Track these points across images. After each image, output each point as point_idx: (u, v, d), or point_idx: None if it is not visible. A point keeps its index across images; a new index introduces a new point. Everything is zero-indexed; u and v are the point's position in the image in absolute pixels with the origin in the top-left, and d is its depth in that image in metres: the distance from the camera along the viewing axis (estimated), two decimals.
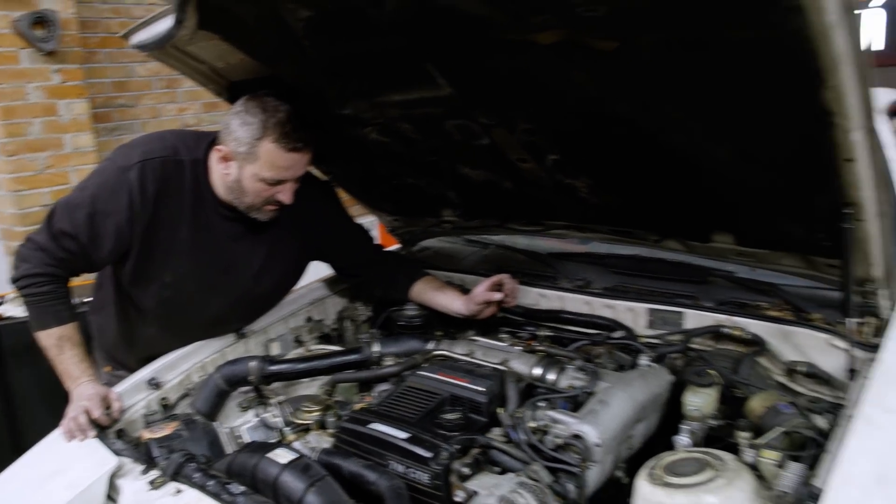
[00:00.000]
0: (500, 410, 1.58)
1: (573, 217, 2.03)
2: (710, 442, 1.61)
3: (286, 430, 1.74)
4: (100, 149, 3.96)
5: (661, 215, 1.83)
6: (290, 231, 2.00)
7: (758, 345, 1.78)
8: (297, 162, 1.80)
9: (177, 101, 4.61)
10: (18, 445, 2.70)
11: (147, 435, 1.72)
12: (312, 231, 2.05)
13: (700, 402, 1.64)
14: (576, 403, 1.58)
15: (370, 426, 1.53)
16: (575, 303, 2.09)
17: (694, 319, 1.90)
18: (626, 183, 1.75)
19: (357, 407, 1.69)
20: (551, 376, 1.69)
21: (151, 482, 1.53)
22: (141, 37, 1.75)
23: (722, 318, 1.85)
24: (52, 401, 2.61)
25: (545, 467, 1.42)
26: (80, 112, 3.86)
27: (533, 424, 1.51)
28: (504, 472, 1.44)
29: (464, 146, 1.88)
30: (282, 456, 1.47)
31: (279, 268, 2.05)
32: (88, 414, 1.71)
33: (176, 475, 1.52)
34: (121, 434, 1.76)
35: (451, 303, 2.08)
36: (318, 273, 2.34)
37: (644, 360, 1.76)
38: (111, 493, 1.58)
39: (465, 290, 2.12)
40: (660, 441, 1.64)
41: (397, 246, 2.59)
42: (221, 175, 1.83)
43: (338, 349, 2.11)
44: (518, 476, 1.40)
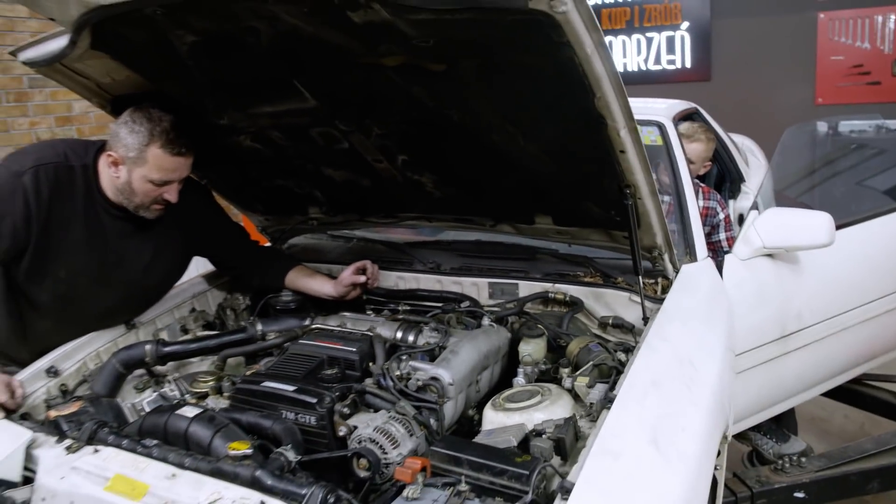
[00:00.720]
0: (371, 365, 1.91)
1: (422, 209, 2.37)
2: (541, 380, 2.02)
3: (186, 397, 1.98)
4: None
5: (493, 203, 2.21)
6: (174, 228, 2.23)
7: (576, 305, 2.21)
8: (182, 164, 2.04)
9: (28, 114, 4.58)
10: None
11: (54, 413, 1.88)
12: (194, 228, 2.29)
13: (531, 349, 2.03)
14: (432, 356, 1.93)
15: (262, 384, 1.82)
16: (428, 282, 2.44)
17: (526, 288, 2.29)
18: (462, 177, 2.11)
19: (248, 372, 1.97)
20: (411, 337, 2.04)
21: (67, 448, 1.71)
22: (30, 54, 1.91)
23: (548, 286, 2.25)
24: None
25: (410, 405, 1.77)
26: None
27: (398, 373, 1.85)
28: (377, 411, 1.77)
29: (327, 150, 2.15)
30: (188, 411, 1.73)
31: (165, 262, 2.27)
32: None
33: (91, 439, 1.71)
34: (25, 417, 1.90)
35: (321, 287, 2.38)
36: (199, 269, 2.58)
37: (486, 322, 2.14)
38: (28, 465, 1.75)
39: (333, 277, 2.43)
40: (503, 387, 2.03)
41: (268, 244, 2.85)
42: (111, 178, 2.04)
43: (225, 331, 2.37)
44: (388, 412, 1.74)
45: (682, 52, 8.66)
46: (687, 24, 8.57)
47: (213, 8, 1.54)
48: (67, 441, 1.73)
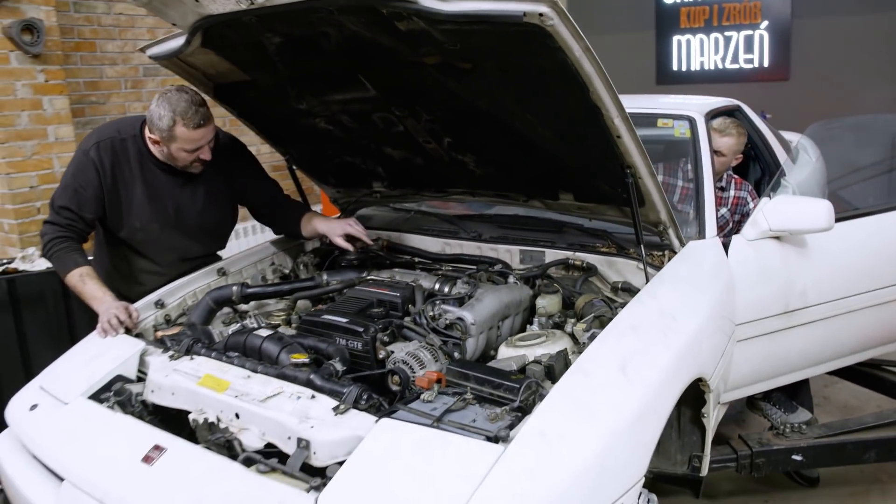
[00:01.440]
0: (411, 306, 2.33)
1: (466, 185, 2.75)
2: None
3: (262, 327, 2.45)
4: (77, 139, 4.54)
5: (524, 181, 2.59)
6: (219, 180, 2.76)
7: (590, 270, 2.57)
8: (204, 133, 2.53)
9: (142, 100, 5.21)
10: (30, 377, 3.29)
11: (160, 333, 2.40)
12: (234, 179, 2.82)
13: (546, 303, 2.40)
14: (461, 303, 2.34)
15: (322, 317, 2.26)
16: (470, 248, 2.83)
17: (551, 256, 2.64)
18: (496, 157, 2.50)
19: (313, 310, 2.42)
20: (446, 288, 2.45)
21: (170, 356, 2.21)
22: (155, 50, 2.42)
23: (569, 254, 2.61)
24: (58, 341, 3.28)
25: (438, 338, 2.18)
26: (61, 107, 4.43)
27: (431, 313, 2.26)
28: (411, 341, 2.19)
29: (386, 132, 2.56)
30: (263, 332, 2.20)
31: (216, 207, 2.80)
32: (117, 317, 2.39)
33: (188, 351, 2.21)
34: (139, 336, 2.42)
35: (320, 228, 2.85)
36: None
37: (511, 280, 2.53)
38: (141, 368, 2.26)
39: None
40: None
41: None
42: (157, 151, 2.59)
43: (297, 279, 2.85)
44: (420, 342, 2.16)
45: (761, 51, 8.74)
46: (766, 23, 8.63)
47: (294, 17, 1.98)
48: (170, 352, 2.23)
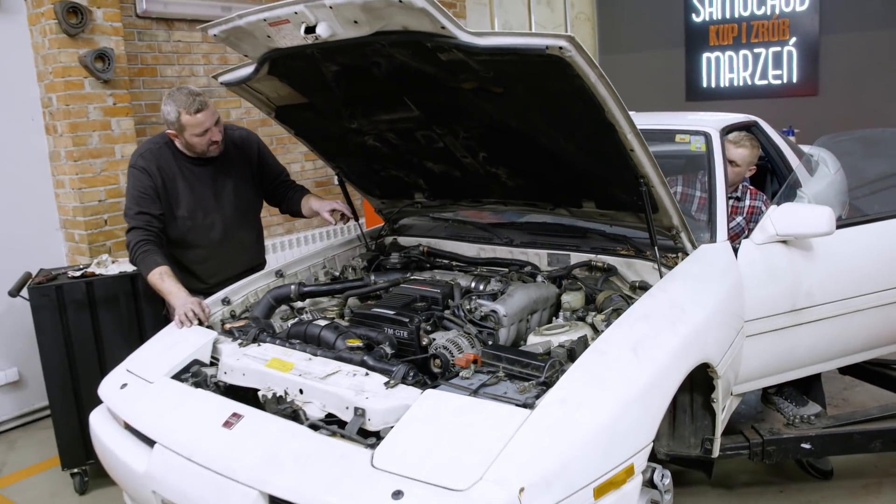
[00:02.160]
0: (450, 301, 2.64)
1: (499, 195, 3.05)
2: None
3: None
4: None
5: (551, 191, 2.88)
6: (244, 166, 3.26)
7: (610, 271, 2.84)
8: (205, 116, 2.97)
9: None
10: (103, 371, 3.64)
11: (228, 325, 2.74)
12: (255, 164, 3.31)
13: (570, 299, 2.69)
14: (494, 298, 2.63)
15: (372, 310, 2.58)
16: (503, 252, 3.13)
17: (576, 258, 2.93)
18: (526, 170, 2.79)
19: (363, 305, 2.74)
20: (481, 286, 2.75)
21: (240, 344, 2.55)
22: (226, 77, 2.76)
23: (592, 257, 2.89)
24: (128, 337, 3.64)
25: (474, 328, 2.48)
26: (127, 128, 4.82)
27: (468, 307, 2.56)
28: (450, 330, 2.49)
29: (427, 148, 2.88)
30: (321, 322, 2.52)
31: (243, 191, 3.27)
32: (192, 311, 2.73)
33: (255, 339, 2.54)
34: (209, 328, 2.77)
35: (314, 206, 3.34)
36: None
37: (539, 279, 2.82)
38: (213, 355, 2.60)
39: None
40: None
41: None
42: (181, 145, 3.05)
43: (347, 279, 3.18)
44: (458, 332, 2.46)
45: (789, 67, 8.92)
46: (794, 39, 8.83)
47: (351, 50, 2.31)
48: (239, 340, 2.56)
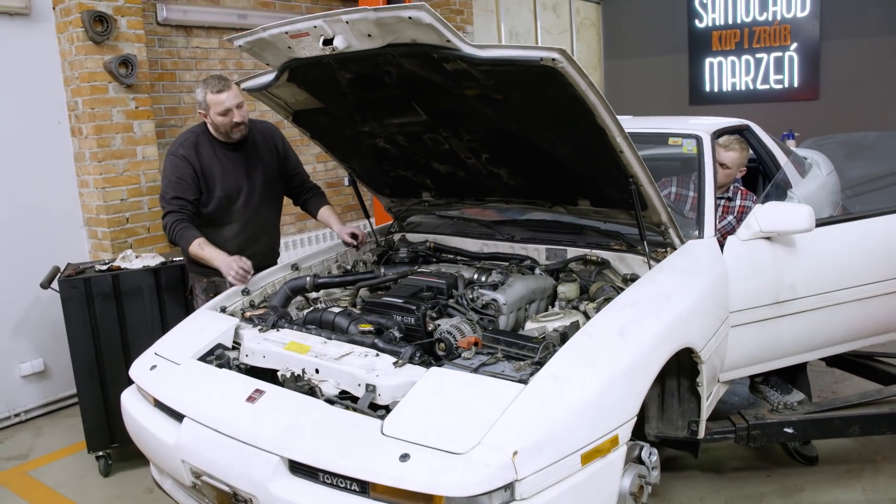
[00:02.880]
0: (454, 291, 2.85)
1: (501, 194, 3.25)
2: None
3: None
4: (160, 158, 5.16)
5: (549, 190, 3.08)
6: (271, 154, 3.59)
7: (604, 264, 3.04)
8: (228, 96, 3.31)
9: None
10: (128, 358, 3.86)
11: (249, 313, 2.95)
12: (279, 152, 3.63)
13: (565, 290, 2.89)
14: (495, 288, 2.84)
15: (382, 299, 2.79)
16: (504, 247, 3.34)
17: (572, 253, 3.13)
18: (525, 170, 3.00)
19: (373, 294, 2.96)
20: (483, 277, 2.96)
21: (259, 329, 2.76)
22: (248, 84, 2.98)
23: (587, 251, 3.08)
24: (151, 328, 3.86)
25: (475, 315, 2.68)
26: (148, 130, 5.05)
27: (470, 296, 2.77)
28: (454, 317, 2.70)
29: (434, 150, 3.09)
30: (335, 309, 2.73)
31: (270, 172, 3.59)
32: (241, 267, 3.08)
33: (274, 325, 2.76)
34: (232, 315, 2.99)
35: (334, 227, 3.59)
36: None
37: (537, 271, 3.03)
38: (235, 340, 2.81)
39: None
40: None
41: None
42: (212, 128, 3.37)
43: (359, 272, 3.40)
44: (461, 318, 2.67)
45: (790, 72, 9.11)
46: (795, 44, 9.01)
47: (365, 59, 2.52)
48: (259, 326, 2.77)
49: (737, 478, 3.58)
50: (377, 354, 2.38)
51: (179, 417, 2.45)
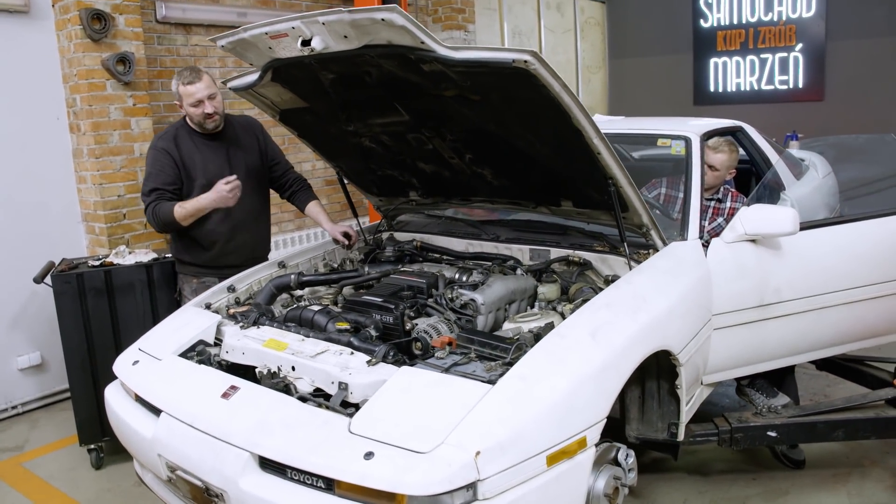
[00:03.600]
0: (434, 290, 2.86)
1: (486, 194, 3.26)
2: None
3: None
4: None
5: (532, 190, 3.09)
6: (249, 142, 3.64)
7: (585, 265, 3.05)
8: (198, 87, 3.39)
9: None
10: (119, 353, 3.87)
11: (233, 310, 2.97)
12: (260, 142, 3.68)
13: (546, 290, 2.90)
14: (475, 288, 2.85)
15: (362, 297, 2.81)
16: (489, 247, 3.35)
17: (556, 254, 3.14)
18: (508, 170, 3.02)
19: (355, 292, 2.97)
20: (464, 277, 2.97)
21: (241, 326, 2.78)
22: (234, 83, 3.00)
23: (569, 252, 3.09)
24: (142, 321, 3.89)
25: (453, 315, 2.70)
26: (146, 127, 5.09)
27: (449, 296, 2.79)
28: (432, 316, 2.71)
29: (418, 149, 3.10)
30: (315, 307, 2.76)
31: (252, 159, 3.64)
32: (224, 189, 3.19)
33: (255, 322, 2.78)
34: (217, 311, 3.01)
35: (324, 225, 3.66)
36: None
37: (519, 272, 3.04)
38: (217, 336, 2.83)
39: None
40: None
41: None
42: (189, 121, 3.46)
43: (344, 270, 3.41)
44: (439, 318, 2.68)
45: (795, 72, 9.07)
46: (801, 45, 8.97)
47: (344, 60, 2.53)
48: (241, 323, 2.79)
49: (722, 480, 3.58)
50: (352, 353, 2.40)
51: (157, 412, 2.47)
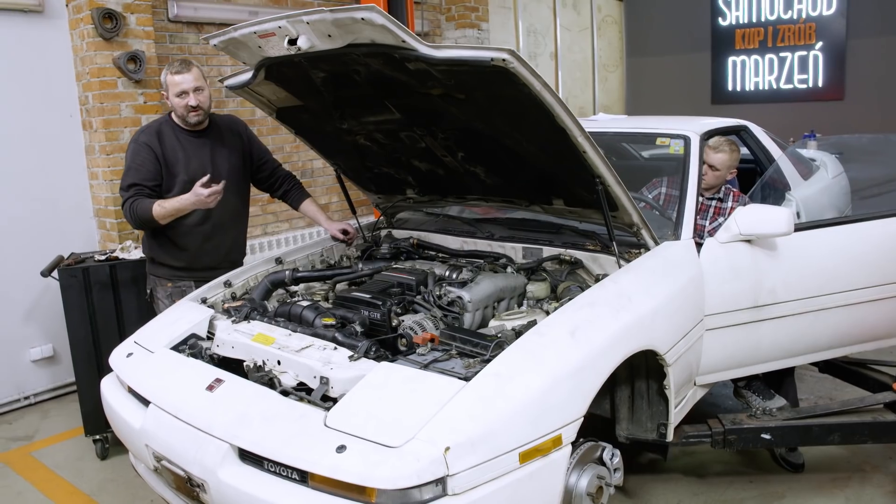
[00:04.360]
0: (423, 287, 2.88)
1: (480, 192, 3.27)
2: None
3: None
4: None
5: (524, 189, 3.10)
6: (233, 141, 3.59)
7: (576, 264, 3.04)
8: (185, 78, 3.32)
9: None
10: (123, 339, 3.95)
11: (226, 305, 3.01)
12: (244, 141, 3.64)
13: (534, 289, 2.91)
14: (463, 286, 2.86)
15: (351, 294, 2.84)
16: (483, 245, 3.36)
17: (548, 252, 3.14)
18: (499, 169, 3.03)
19: (346, 289, 3.01)
20: (454, 274, 2.99)
21: (232, 321, 2.82)
22: (230, 82, 3.04)
23: (561, 251, 3.09)
24: (145, 314, 3.94)
25: (440, 312, 2.72)
26: None
27: (437, 293, 2.81)
28: (419, 313, 2.74)
29: (412, 147, 3.12)
30: (303, 303, 2.79)
31: (235, 158, 3.58)
32: (203, 192, 3.09)
33: (246, 317, 2.82)
34: (211, 306, 3.06)
35: (322, 223, 3.66)
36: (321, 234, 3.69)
37: (509, 270, 3.05)
38: (209, 330, 2.88)
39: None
40: None
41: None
42: (174, 116, 3.44)
43: (338, 267, 3.45)
44: (425, 314, 2.70)
45: (815, 71, 8.95)
46: (821, 43, 8.85)
47: (331, 59, 2.57)
48: (233, 318, 2.84)
49: (718, 482, 3.56)
50: (335, 348, 2.43)
51: (147, 403, 2.52)
